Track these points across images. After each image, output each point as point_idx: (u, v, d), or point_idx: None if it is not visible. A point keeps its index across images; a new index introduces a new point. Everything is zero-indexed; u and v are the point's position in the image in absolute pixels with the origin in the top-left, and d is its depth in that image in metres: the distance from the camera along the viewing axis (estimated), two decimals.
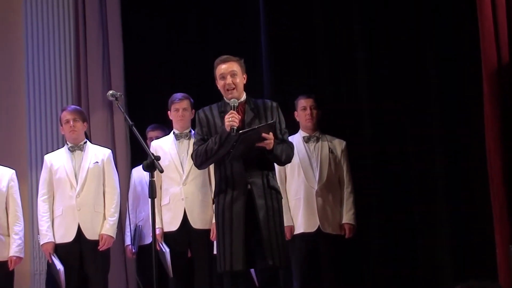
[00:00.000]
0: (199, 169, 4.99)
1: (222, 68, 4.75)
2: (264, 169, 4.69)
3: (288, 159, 4.81)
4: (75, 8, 6.74)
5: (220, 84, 4.77)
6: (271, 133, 4.60)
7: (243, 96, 4.78)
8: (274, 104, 4.83)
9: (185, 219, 5.37)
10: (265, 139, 4.56)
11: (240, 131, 4.52)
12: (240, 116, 4.64)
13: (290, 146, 4.82)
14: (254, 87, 5.79)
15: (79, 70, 6.67)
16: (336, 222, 5.55)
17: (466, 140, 5.42)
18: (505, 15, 5.01)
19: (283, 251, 4.64)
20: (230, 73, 4.72)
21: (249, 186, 4.63)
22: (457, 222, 5.39)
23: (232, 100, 4.68)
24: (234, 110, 4.60)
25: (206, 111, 4.83)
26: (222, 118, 4.67)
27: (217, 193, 4.73)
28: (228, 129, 4.55)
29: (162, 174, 4.78)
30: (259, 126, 4.61)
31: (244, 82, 4.79)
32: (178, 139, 5.53)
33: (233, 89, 4.72)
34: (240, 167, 4.64)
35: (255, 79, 6.12)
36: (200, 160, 4.73)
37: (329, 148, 5.62)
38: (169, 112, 5.60)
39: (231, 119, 4.54)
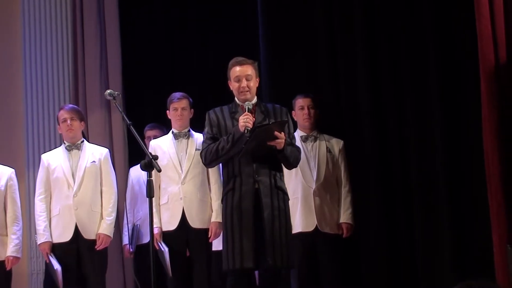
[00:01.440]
0: (207, 167, 5.08)
1: (238, 70, 4.80)
2: (272, 169, 4.74)
3: (296, 163, 4.88)
4: (73, 7, 6.74)
5: (234, 86, 4.83)
6: (283, 133, 4.65)
7: (254, 99, 4.85)
8: (284, 109, 4.93)
9: (183, 219, 5.36)
10: (276, 138, 4.61)
11: (255, 125, 4.59)
12: (254, 119, 4.69)
13: (298, 150, 4.90)
14: None
15: (77, 69, 6.66)
16: (334, 222, 5.54)
17: (465, 139, 5.43)
18: (502, 14, 5.00)
19: (286, 252, 4.66)
20: (245, 76, 4.79)
21: (256, 185, 4.67)
22: (455, 221, 5.38)
23: (246, 102, 4.75)
24: (248, 112, 4.67)
25: (217, 112, 4.88)
26: (233, 119, 4.76)
27: (225, 192, 4.77)
28: (242, 129, 4.60)
29: (160, 173, 4.82)
30: (273, 123, 4.69)
31: (257, 85, 4.87)
32: (177, 139, 5.53)
33: (247, 91, 4.79)
34: (248, 165, 4.69)
35: None
36: (210, 158, 4.78)
37: (327, 148, 5.62)
38: (168, 111, 5.59)
39: (246, 120, 4.60)
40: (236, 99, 4.86)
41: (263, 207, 4.64)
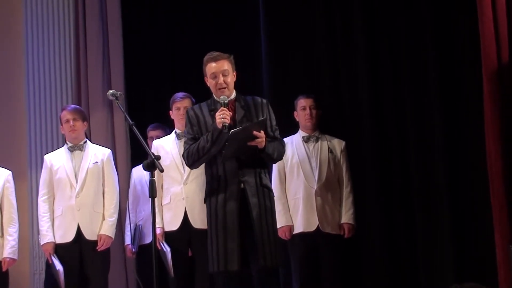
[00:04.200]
0: (191, 168, 4.98)
1: (214, 66, 4.69)
2: (256, 167, 4.65)
3: (280, 157, 4.78)
4: (75, 7, 6.74)
5: (211, 83, 4.72)
6: (262, 132, 4.55)
7: (233, 94, 4.75)
8: (264, 100, 4.81)
9: (185, 219, 5.36)
10: (256, 137, 4.53)
11: (231, 130, 4.47)
12: (231, 113, 4.60)
13: (282, 143, 4.79)
14: (254, 87, 5.80)
15: (79, 69, 6.66)
16: (335, 222, 5.54)
17: (466, 140, 5.43)
18: (505, 14, 5.01)
19: (275, 251, 4.60)
20: (222, 72, 4.67)
21: (242, 185, 4.60)
22: (457, 222, 5.39)
23: (222, 97, 4.63)
24: (224, 107, 4.56)
25: (195, 109, 4.79)
26: (212, 116, 4.64)
27: (208, 193, 4.69)
28: (219, 126, 4.51)
29: (163, 173, 4.77)
30: (250, 124, 4.58)
31: (235, 79, 4.75)
32: (180, 139, 5.52)
33: (225, 88, 4.67)
34: (232, 166, 4.60)
35: (254, 79, 6.13)
36: (192, 159, 4.68)
37: (329, 148, 5.62)
38: (170, 111, 5.60)
39: (222, 116, 4.51)
40: (214, 95, 4.76)
41: (251, 207, 4.56)
